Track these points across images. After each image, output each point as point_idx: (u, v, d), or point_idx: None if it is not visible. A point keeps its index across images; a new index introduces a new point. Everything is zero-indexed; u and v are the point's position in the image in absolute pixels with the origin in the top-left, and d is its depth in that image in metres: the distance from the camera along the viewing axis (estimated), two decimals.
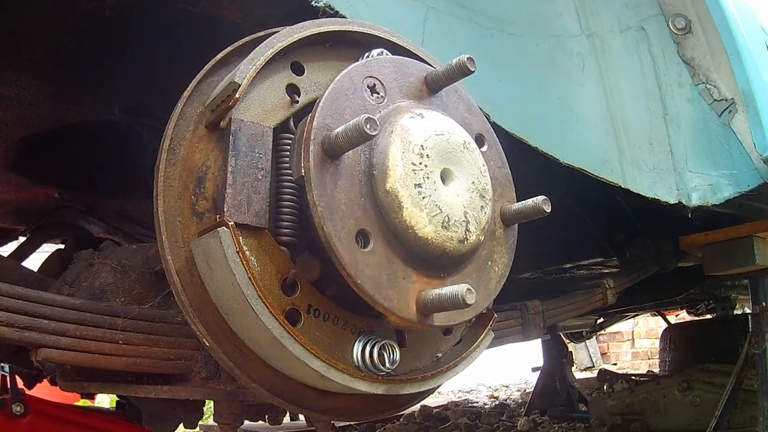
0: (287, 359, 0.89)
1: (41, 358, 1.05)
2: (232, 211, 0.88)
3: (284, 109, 0.99)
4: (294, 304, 0.91)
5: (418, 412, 4.57)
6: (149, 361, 1.14)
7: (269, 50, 0.96)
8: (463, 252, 0.97)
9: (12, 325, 1.02)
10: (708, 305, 4.57)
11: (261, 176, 0.92)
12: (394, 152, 0.91)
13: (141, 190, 1.39)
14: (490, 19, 1.41)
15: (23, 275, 1.63)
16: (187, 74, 1.03)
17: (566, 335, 5.00)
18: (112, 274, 1.30)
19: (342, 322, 0.96)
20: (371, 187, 0.91)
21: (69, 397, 2.95)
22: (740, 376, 2.51)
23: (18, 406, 2.17)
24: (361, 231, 0.89)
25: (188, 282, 0.95)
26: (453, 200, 0.95)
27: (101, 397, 3.87)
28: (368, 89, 0.97)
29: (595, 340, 8.21)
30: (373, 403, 1.09)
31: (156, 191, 0.96)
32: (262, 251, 0.90)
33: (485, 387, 7.35)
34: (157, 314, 1.19)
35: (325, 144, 0.88)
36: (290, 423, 3.99)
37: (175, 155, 0.98)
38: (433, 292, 0.91)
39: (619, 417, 3.41)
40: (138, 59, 1.51)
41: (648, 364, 7.83)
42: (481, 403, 5.76)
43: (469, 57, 0.99)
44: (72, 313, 1.09)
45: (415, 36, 1.27)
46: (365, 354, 0.95)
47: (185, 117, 1.00)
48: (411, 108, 0.97)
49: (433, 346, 1.09)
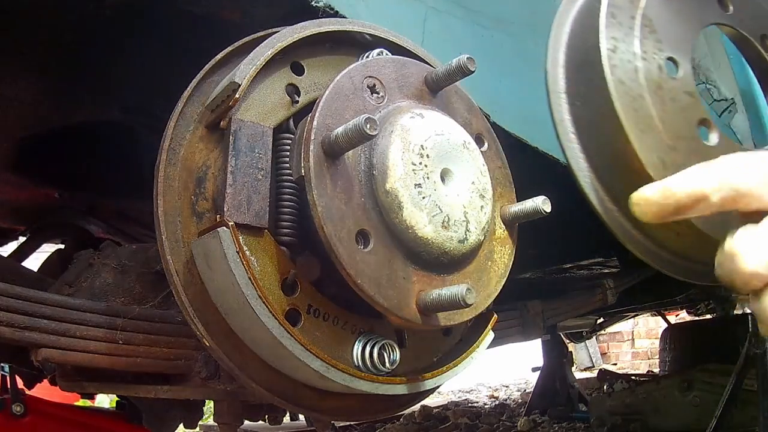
0: (287, 359, 0.89)
1: (41, 358, 1.05)
2: (232, 211, 0.88)
3: (284, 109, 0.99)
4: (294, 304, 0.91)
5: (418, 412, 4.57)
6: (149, 361, 1.14)
7: (269, 50, 0.96)
8: (463, 252, 0.97)
9: (12, 325, 1.02)
10: (708, 305, 4.57)
11: (261, 176, 0.92)
12: (394, 152, 0.91)
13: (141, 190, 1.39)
14: (490, 19, 1.41)
15: (23, 275, 1.63)
16: (187, 74, 1.03)
17: (566, 335, 5.00)
18: (112, 274, 1.30)
19: (342, 322, 0.96)
20: (371, 187, 0.91)
21: (69, 397, 2.95)
22: (740, 376, 2.51)
23: (18, 406, 2.17)
24: (361, 231, 0.89)
25: (188, 282, 0.95)
26: (453, 200, 0.95)
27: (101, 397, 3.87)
28: (368, 89, 0.97)
29: (595, 340, 8.22)
30: (373, 403, 1.09)
31: (156, 191, 0.96)
32: (262, 251, 0.90)
33: (485, 387, 7.36)
34: (157, 314, 1.19)
35: (325, 144, 0.88)
36: (290, 423, 3.99)
37: (175, 155, 0.98)
38: (433, 292, 0.91)
39: (619, 417, 3.41)
40: (138, 59, 1.51)
41: (648, 364, 7.84)
42: (481, 403, 5.77)
43: (469, 57, 0.99)
44: (72, 313, 1.09)
45: (415, 36, 1.27)
46: (365, 354, 0.95)
47: (185, 117, 1.00)
48: (411, 108, 0.98)
49: (433, 346, 1.09)
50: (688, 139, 1.06)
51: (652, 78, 1.05)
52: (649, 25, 1.09)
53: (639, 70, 1.05)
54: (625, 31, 1.07)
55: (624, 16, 1.08)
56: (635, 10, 1.09)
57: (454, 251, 0.95)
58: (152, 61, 1.50)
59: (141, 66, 1.54)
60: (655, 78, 1.06)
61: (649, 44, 1.08)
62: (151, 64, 1.51)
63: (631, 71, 1.05)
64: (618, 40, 1.06)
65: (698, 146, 1.07)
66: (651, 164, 1.01)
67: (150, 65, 1.52)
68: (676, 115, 1.06)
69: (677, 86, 1.08)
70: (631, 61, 1.05)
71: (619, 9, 1.08)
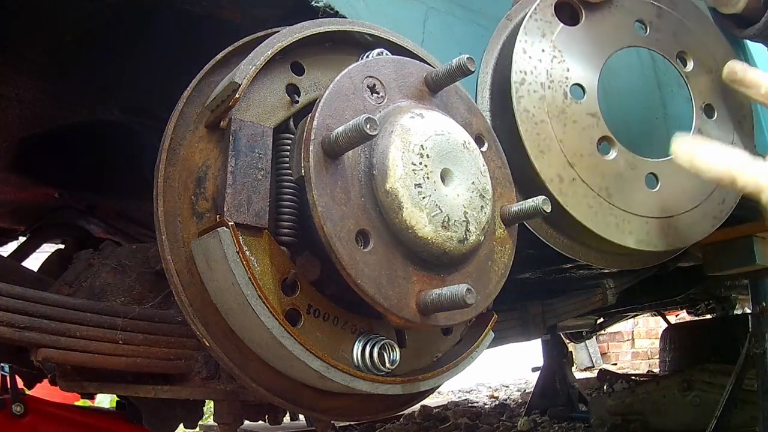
0: (287, 359, 0.89)
1: (41, 358, 1.05)
2: (232, 211, 0.88)
3: (284, 109, 0.99)
4: (294, 304, 0.91)
5: (418, 412, 4.57)
6: (149, 361, 1.14)
7: (269, 50, 0.96)
8: (463, 252, 0.97)
9: (12, 325, 1.02)
10: (708, 305, 4.57)
11: (261, 176, 0.92)
12: (394, 152, 0.91)
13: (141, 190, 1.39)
14: (490, 19, 1.41)
15: (23, 275, 1.63)
16: (187, 74, 1.03)
17: (566, 335, 4.99)
18: (112, 274, 1.30)
19: (342, 322, 0.96)
20: (371, 187, 0.91)
21: (69, 397, 2.95)
22: (740, 376, 2.51)
23: (18, 406, 2.17)
24: (361, 231, 0.89)
25: (188, 282, 0.95)
26: (453, 200, 0.95)
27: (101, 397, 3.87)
28: (368, 89, 0.97)
29: (595, 340, 8.22)
30: (373, 403, 1.09)
31: (156, 191, 0.96)
32: (262, 251, 0.90)
33: (485, 387, 7.36)
34: (157, 314, 1.19)
35: (325, 144, 0.88)
36: (290, 423, 3.99)
37: (175, 155, 0.98)
38: (433, 292, 0.91)
39: (619, 417, 3.41)
40: (138, 59, 1.51)
41: (648, 364, 7.84)
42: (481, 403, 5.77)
43: (469, 57, 0.99)
44: (72, 313, 1.09)
45: (415, 36, 1.27)
46: (365, 354, 0.95)
47: (185, 117, 1.00)
48: (411, 108, 0.98)
49: (433, 346, 1.09)
50: (586, 155, 1.21)
51: (556, 104, 1.20)
52: (558, 56, 1.22)
53: (544, 99, 1.19)
54: (534, 63, 1.20)
55: (535, 50, 1.21)
56: (547, 43, 1.22)
57: (454, 251, 0.95)
58: (152, 61, 1.49)
59: (141, 66, 1.54)
60: (559, 104, 1.20)
61: (557, 73, 1.21)
62: (151, 64, 1.51)
63: (537, 100, 1.19)
64: (526, 73, 1.19)
65: (597, 161, 1.22)
66: (548, 179, 1.17)
67: (150, 65, 1.52)
68: (577, 135, 1.21)
69: (580, 109, 1.22)
70: (537, 91, 1.19)
71: (531, 43, 1.21)
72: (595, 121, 1.22)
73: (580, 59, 1.23)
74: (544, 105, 1.18)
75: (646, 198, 1.26)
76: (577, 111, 1.20)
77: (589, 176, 1.19)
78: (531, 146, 1.16)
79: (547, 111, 1.18)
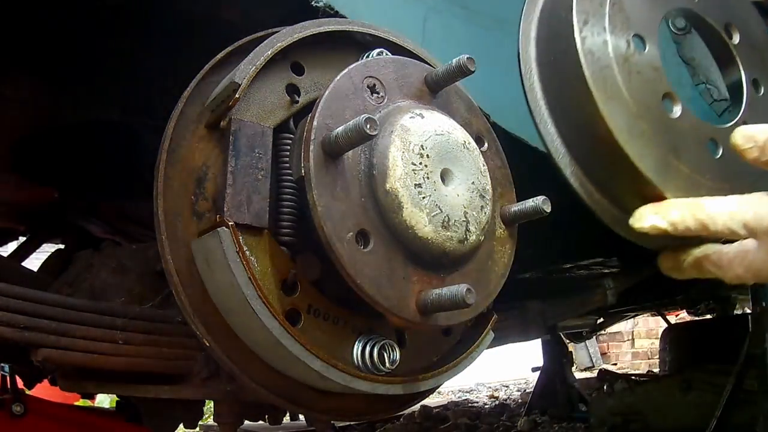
0: (287, 359, 0.89)
1: (41, 358, 1.05)
2: (232, 211, 0.88)
3: (284, 109, 0.99)
4: (294, 304, 0.91)
5: (418, 412, 4.57)
6: (149, 361, 1.14)
7: (269, 50, 0.96)
8: (463, 252, 0.97)
9: (12, 325, 1.02)
10: (708, 305, 4.57)
11: (261, 176, 0.92)
12: (394, 152, 0.91)
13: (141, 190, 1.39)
14: (490, 19, 1.41)
15: (23, 275, 1.63)
16: (187, 74, 1.03)
17: (566, 335, 4.99)
18: (112, 275, 1.30)
19: (342, 322, 0.96)
20: (371, 187, 0.91)
21: (69, 397, 2.95)
22: (740, 376, 2.51)
23: (18, 406, 2.16)
24: (361, 231, 0.89)
25: (188, 282, 0.95)
26: (453, 200, 0.95)
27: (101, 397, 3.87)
28: (368, 89, 0.97)
29: (595, 340, 8.22)
30: (373, 403, 1.09)
31: (156, 191, 0.96)
32: (262, 251, 0.90)
33: (485, 387, 7.36)
34: (157, 314, 1.19)
35: (325, 144, 0.88)
36: (290, 423, 3.99)
37: (175, 155, 0.98)
38: (433, 292, 0.91)
39: (619, 417, 3.41)
40: (138, 59, 1.51)
41: (648, 364, 7.84)
42: (481, 403, 5.77)
43: (469, 57, 0.99)
44: (72, 313, 1.09)
45: (415, 36, 1.27)
46: (365, 354, 0.95)
47: (185, 117, 1.00)
48: (411, 108, 0.98)
49: (433, 346, 1.09)
50: (652, 109, 1.12)
51: (619, 51, 1.11)
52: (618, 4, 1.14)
53: (608, 43, 1.10)
54: (595, 7, 1.12)
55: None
56: None
57: (454, 251, 0.95)
58: (152, 61, 1.50)
59: (141, 66, 1.54)
60: (623, 51, 1.11)
61: (618, 21, 1.13)
62: (151, 64, 1.51)
63: (600, 43, 1.10)
64: (589, 14, 1.11)
65: (662, 116, 1.12)
66: (617, 129, 1.07)
67: (150, 65, 1.52)
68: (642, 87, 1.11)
69: (644, 60, 1.14)
70: (600, 34, 1.11)
71: None
72: (658, 75, 1.13)
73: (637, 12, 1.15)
74: (608, 49, 1.09)
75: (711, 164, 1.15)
76: (640, 61, 1.12)
77: (657, 131, 1.09)
78: (597, 91, 1.06)
79: (611, 55, 1.09)
